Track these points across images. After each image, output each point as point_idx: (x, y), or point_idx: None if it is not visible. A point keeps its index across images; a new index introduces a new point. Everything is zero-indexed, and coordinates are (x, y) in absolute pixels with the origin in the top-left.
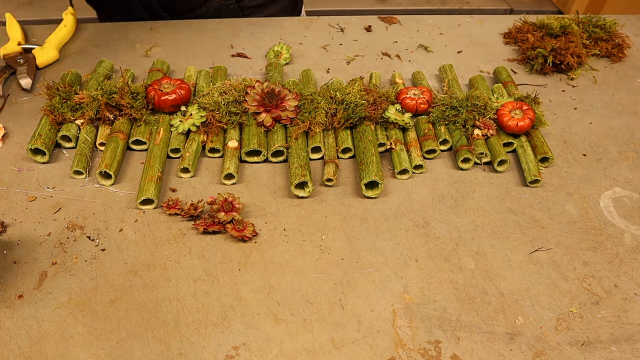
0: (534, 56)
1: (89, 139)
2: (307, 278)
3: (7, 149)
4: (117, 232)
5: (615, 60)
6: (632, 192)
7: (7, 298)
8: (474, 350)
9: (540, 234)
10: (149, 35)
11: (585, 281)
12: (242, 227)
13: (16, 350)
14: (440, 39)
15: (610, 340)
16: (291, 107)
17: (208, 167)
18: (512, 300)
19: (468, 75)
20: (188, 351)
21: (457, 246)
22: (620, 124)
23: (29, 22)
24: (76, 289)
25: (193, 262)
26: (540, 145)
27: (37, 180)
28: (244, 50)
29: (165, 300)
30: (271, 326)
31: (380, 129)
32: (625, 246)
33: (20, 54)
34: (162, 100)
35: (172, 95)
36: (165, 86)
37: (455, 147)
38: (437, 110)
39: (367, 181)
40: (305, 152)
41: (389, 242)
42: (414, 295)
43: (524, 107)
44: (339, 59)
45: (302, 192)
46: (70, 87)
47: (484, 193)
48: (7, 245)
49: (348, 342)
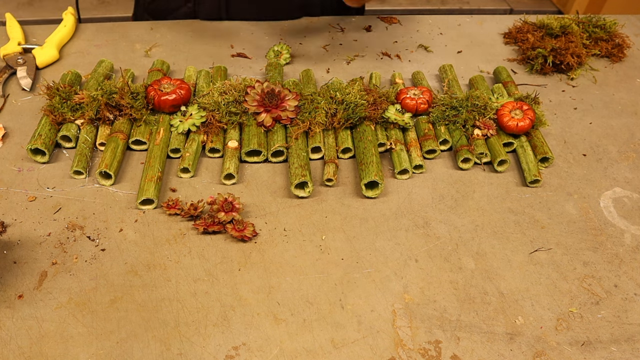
0: (534, 56)
1: (89, 139)
2: (307, 278)
3: (7, 149)
4: (117, 232)
5: (615, 60)
6: (632, 192)
7: (7, 298)
8: (474, 350)
9: (540, 234)
10: (149, 35)
11: (585, 281)
12: (242, 227)
13: (16, 350)
14: (440, 39)
15: (610, 340)
16: (291, 107)
17: (208, 167)
18: (512, 300)
19: (468, 75)
20: (188, 351)
21: (457, 246)
22: (620, 124)
23: (29, 22)
24: (76, 289)
25: (193, 262)
26: (540, 145)
27: (37, 180)
28: (244, 50)
29: (165, 300)
30: (271, 326)
31: (380, 129)
32: (625, 246)
33: (20, 54)
34: (162, 100)
35: (172, 95)
36: (165, 86)
37: (455, 147)
38: (437, 110)
39: (367, 181)
40: (305, 152)
41: (389, 242)
42: (414, 295)
43: (524, 107)
44: (339, 59)
45: (302, 192)
46: (70, 87)
47: (484, 193)
48: (7, 245)
49: (348, 342)
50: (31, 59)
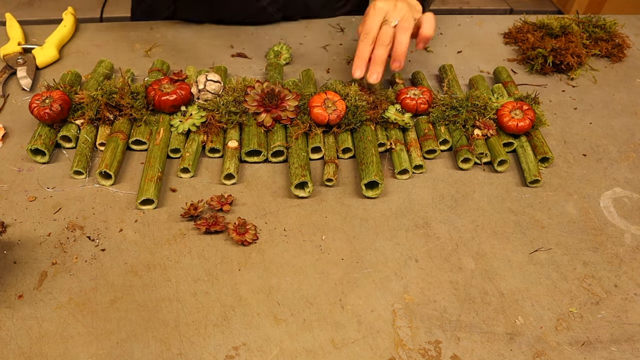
0: (534, 56)
1: (89, 139)
2: (307, 278)
3: (7, 149)
4: (117, 232)
5: (615, 60)
6: (632, 192)
7: (7, 298)
8: (474, 350)
9: (540, 234)
10: (149, 35)
11: (585, 281)
12: (244, 231)
13: (16, 350)
14: (440, 39)
15: (610, 340)
16: (291, 107)
17: (208, 167)
18: (512, 300)
19: (468, 75)
20: (188, 351)
21: (457, 246)
22: (620, 124)
23: (29, 22)
24: (76, 289)
25: (193, 262)
26: (540, 145)
27: (37, 180)
28: (244, 50)
29: (165, 301)
30: (271, 326)
31: (380, 129)
32: (625, 246)
33: (20, 54)
34: (162, 101)
35: (173, 96)
36: (165, 86)
37: (455, 147)
38: (437, 110)
39: (367, 181)
40: (305, 152)
41: (389, 242)
42: (414, 295)
43: (524, 107)
44: (339, 59)
45: (302, 192)
46: (70, 87)
47: (484, 193)
48: (7, 245)
49: (348, 342)
50: (31, 59)
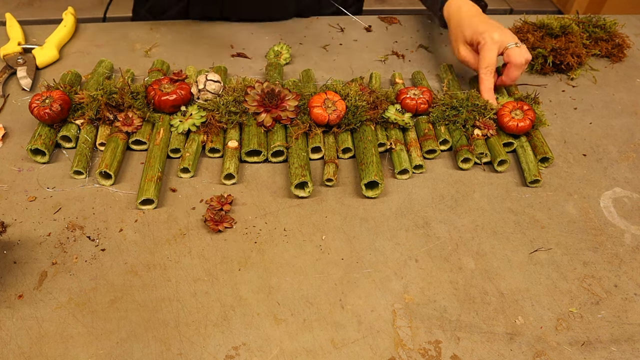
0: (534, 56)
1: (89, 139)
2: (307, 278)
3: (7, 149)
4: (117, 232)
5: (615, 60)
6: (632, 192)
7: (7, 298)
8: (474, 350)
9: (540, 234)
10: (149, 35)
11: (585, 281)
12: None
13: (16, 350)
14: (441, 39)
15: (610, 340)
16: (291, 107)
17: (208, 167)
18: (512, 300)
19: (468, 75)
20: (188, 351)
21: (457, 246)
22: (620, 124)
23: (29, 22)
24: (76, 289)
25: (193, 262)
26: (540, 145)
27: (37, 180)
28: (244, 50)
29: (165, 300)
30: (271, 326)
31: (380, 129)
32: (625, 246)
33: (20, 54)
34: (162, 101)
35: (173, 96)
36: (165, 86)
37: (455, 147)
38: (437, 110)
39: (367, 181)
40: (305, 152)
41: (389, 242)
42: (414, 295)
43: (525, 107)
44: (339, 59)
45: (302, 192)
46: (70, 87)
47: (484, 193)
48: (7, 245)
49: (348, 342)
50: (31, 59)
